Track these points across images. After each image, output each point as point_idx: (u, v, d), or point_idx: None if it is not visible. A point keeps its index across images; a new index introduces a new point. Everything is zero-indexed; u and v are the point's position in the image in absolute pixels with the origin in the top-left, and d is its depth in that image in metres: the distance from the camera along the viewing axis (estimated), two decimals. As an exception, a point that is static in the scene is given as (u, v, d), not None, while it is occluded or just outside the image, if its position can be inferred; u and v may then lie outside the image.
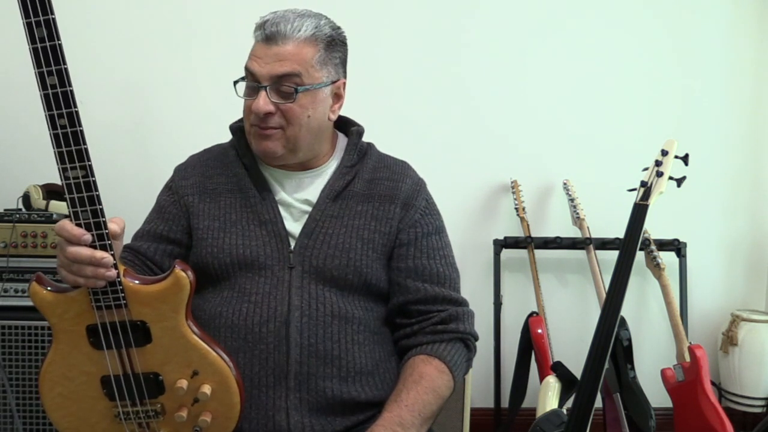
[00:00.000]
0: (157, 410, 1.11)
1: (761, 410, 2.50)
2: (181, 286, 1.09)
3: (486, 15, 2.58)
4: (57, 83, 0.98)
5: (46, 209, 2.10)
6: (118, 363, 1.09)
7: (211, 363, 1.10)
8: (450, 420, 2.16)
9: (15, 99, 2.48)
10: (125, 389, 1.10)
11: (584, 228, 2.46)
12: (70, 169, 1.02)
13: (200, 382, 1.10)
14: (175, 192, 1.34)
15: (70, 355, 1.10)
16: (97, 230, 1.03)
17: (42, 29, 0.97)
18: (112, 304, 1.06)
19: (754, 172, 2.71)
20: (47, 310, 1.09)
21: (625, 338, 2.23)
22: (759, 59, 2.67)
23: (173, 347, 1.09)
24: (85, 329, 1.08)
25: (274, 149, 1.24)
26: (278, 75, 1.20)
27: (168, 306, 1.09)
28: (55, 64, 0.98)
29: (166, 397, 1.11)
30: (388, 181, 1.32)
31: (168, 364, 1.10)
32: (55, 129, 1.00)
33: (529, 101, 2.61)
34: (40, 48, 0.98)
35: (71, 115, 1.00)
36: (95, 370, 1.10)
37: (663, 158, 1.83)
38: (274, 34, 1.21)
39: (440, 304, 1.29)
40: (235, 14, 2.41)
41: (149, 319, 1.08)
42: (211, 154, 1.38)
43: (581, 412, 1.71)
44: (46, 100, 0.99)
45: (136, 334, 1.08)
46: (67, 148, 1.01)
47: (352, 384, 1.22)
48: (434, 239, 1.33)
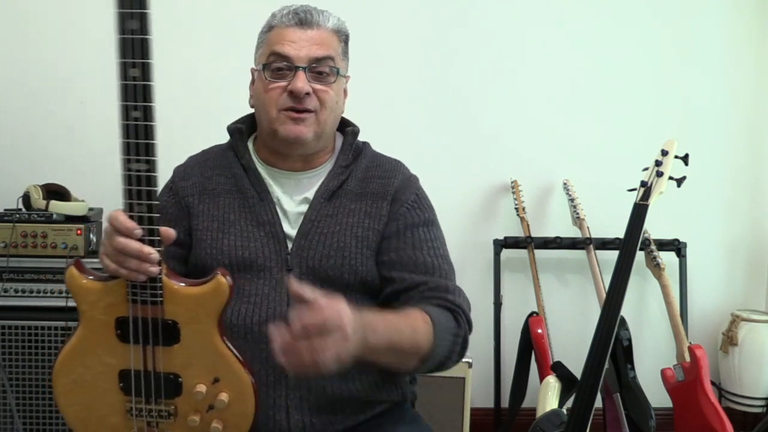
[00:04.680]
0: (170, 411, 1.10)
1: (761, 410, 2.50)
2: (220, 292, 1.07)
3: (486, 15, 2.58)
4: (139, 76, 1.00)
5: (46, 209, 2.10)
6: (140, 359, 1.08)
7: (235, 372, 1.09)
8: (450, 420, 2.17)
9: (15, 99, 2.48)
10: (143, 386, 1.09)
11: (584, 228, 2.46)
12: (134, 161, 1.02)
13: (219, 389, 1.09)
14: (176, 193, 1.33)
15: (94, 343, 1.09)
16: (149, 225, 1.03)
17: (135, 21, 0.98)
18: (149, 300, 1.05)
19: (754, 172, 2.71)
20: (80, 296, 1.08)
21: (625, 338, 2.23)
22: (759, 59, 2.67)
23: (199, 351, 1.08)
24: (114, 320, 1.07)
25: (306, 134, 1.24)
26: (317, 57, 1.23)
27: (203, 310, 1.08)
28: (142, 57, 0.99)
29: (181, 399, 1.09)
30: (380, 179, 1.32)
31: (191, 367, 1.09)
32: (127, 120, 1.01)
33: (530, 101, 2.61)
34: (128, 39, 0.99)
35: (146, 108, 1.02)
36: (116, 362, 1.09)
37: (663, 158, 1.83)
38: (309, 20, 1.24)
39: (428, 285, 1.24)
40: (235, 14, 2.42)
41: (182, 320, 1.07)
42: (210, 155, 1.38)
43: (581, 412, 1.71)
44: (123, 89, 1.01)
45: (165, 333, 1.07)
46: (134, 140, 1.02)
47: (352, 381, 1.22)
48: (421, 231, 1.29)
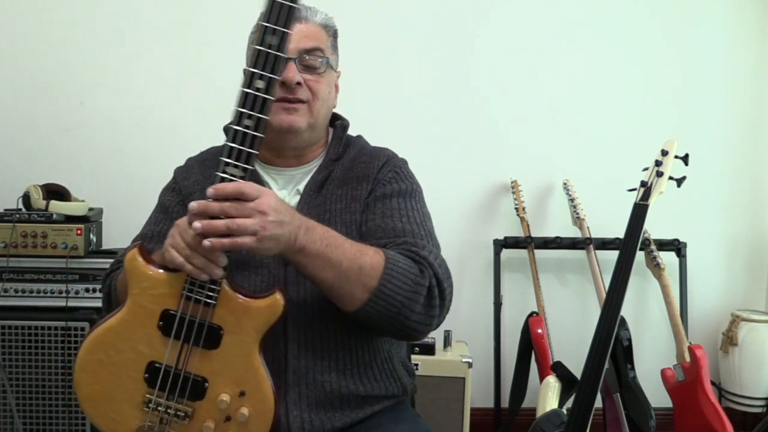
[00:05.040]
0: (187, 413, 1.09)
1: (761, 410, 2.50)
2: (274, 310, 1.08)
3: (487, 16, 2.58)
4: (263, 88, 1.04)
5: (46, 209, 2.10)
6: (175, 355, 1.08)
7: (262, 391, 1.09)
8: (450, 420, 2.17)
9: (15, 99, 2.49)
10: (169, 382, 1.09)
11: (584, 228, 2.46)
12: (233, 167, 1.04)
13: (242, 403, 1.09)
14: (179, 192, 1.34)
15: (132, 329, 1.09)
16: None
17: (275, 38, 1.04)
18: (203, 300, 1.06)
19: (754, 172, 2.71)
20: (135, 280, 1.09)
21: (625, 338, 2.23)
22: (759, 59, 2.67)
23: (234, 361, 1.08)
24: (161, 311, 1.08)
25: (300, 123, 1.26)
26: (306, 48, 1.26)
27: (251, 323, 1.08)
28: (271, 72, 1.05)
29: (202, 404, 1.09)
30: (364, 164, 1.32)
31: (221, 374, 1.08)
32: (238, 125, 1.05)
33: (530, 101, 2.61)
34: (265, 52, 1.04)
35: (259, 120, 1.05)
36: (148, 352, 1.09)
37: (663, 158, 1.83)
38: (297, 15, 1.26)
39: (396, 242, 1.20)
40: (235, 13, 2.42)
41: (227, 327, 1.07)
42: (208, 155, 1.40)
43: (581, 412, 1.71)
44: (243, 96, 1.05)
45: (207, 336, 1.07)
46: (239, 146, 1.04)
47: (350, 377, 1.22)
48: (395, 201, 1.26)
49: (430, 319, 1.16)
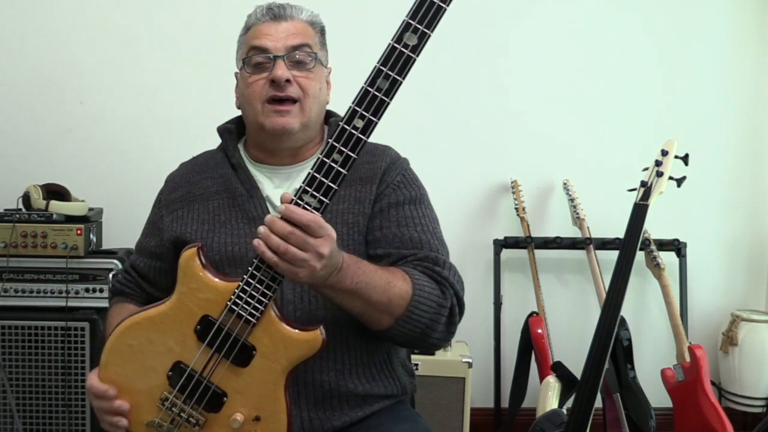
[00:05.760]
0: (198, 421, 1.09)
1: (761, 410, 2.50)
2: (311, 345, 1.07)
3: (487, 16, 2.58)
4: (385, 88, 1.01)
5: (46, 209, 2.10)
6: (203, 362, 1.08)
7: (278, 421, 1.08)
8: (450, 420, 2.17)
9: (15, 99, 2.49)
10: (190, 386, 1.09)
11: (584, 228, 2.46)
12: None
13: (254, 428, 1.08)
14: (165, 206, 1.36)
15: (169, 325, 1.09)
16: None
17: (414, 38, 1.00)
18: (245, 315, 1.05)
19: (754, 172, 2.71)
20: (185, 279, 1.09)
21: (625, 338, 2.23)
22: (759, 59, 2.67)
23: (258, 385, 1.08)
24: (202, 316, 1.08)
25: (293, 125, 1.26)
26: (293, 45, 1.26)
27: (286, 352, 1.07)
28: (398, 73, 1.00)
29: (215, 416, 1.09)
30: (368, 164, 1.32)
31: (242, 394, 1.08)
32: (348, 124, 1.01)
33: (529, 102, 2.61)
34: (400, 50, 1.00)
35: (370, 122, 1.02)
36: (179, 351, 1.09)
37: (663, 158, 1.83)
38: (282, 14, 1.28)
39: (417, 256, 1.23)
40: (235, 13, 2.41)
41: (261, 350, 1.07)
42: (198, 160, 1.41)
43: (581, 412, 1.71)
44: (362, 94, 1.01)
45: (240, 352, 1.07)
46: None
47: (348, 376, 1.22)
48: (407, 208, 1.28)
49: (450, 335, 1.22)
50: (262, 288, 1.05)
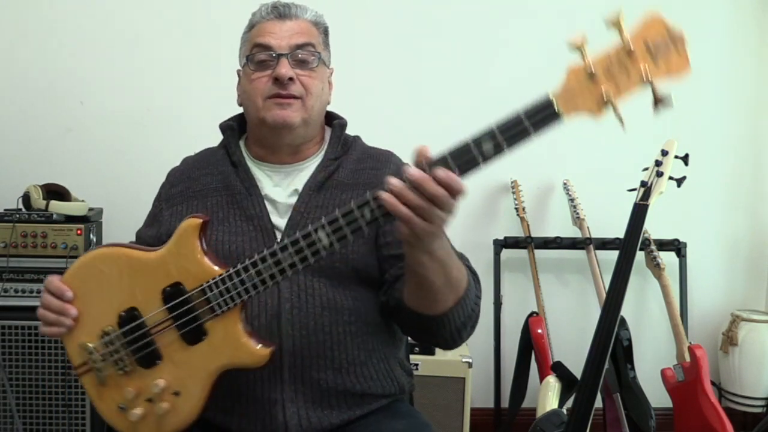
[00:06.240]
0: (125, 368, 1.13)
1: (761, 410, 2.50)
2: (256, 359, 1.09)
3: (487, 11, 2.58)
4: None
5: (46, 209, 2.10)
6: (158, 321, 1.10)
7: (191, 407, 1.11)
8: (450, 420, 2.16)
9: (15, 99, 2.49)
10: (134, 335, 1.11)
11: (584, 228, 2.46)
12: None
13: (169, 399, 1.11)
14: (165, 201, 1.36)
15: (145, 274, 1.11)
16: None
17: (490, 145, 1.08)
18: (213, 303, 1.07)
19: (754, 172, 2.71)
20: (179, 241, 1.11)
21: (625, 338, 2.23)
22: (759, 59, 2.67)
23: (193, 367, 1.10)
24: (176, 281, 1.10)
25: (294, 118, 1.26)
26: (297, 44, 1.27)
27: (230, 353, 1.09)
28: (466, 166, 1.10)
29: (141, 372, 1.12)
30: (372, 170, 1.32)
31: (175, 365, 1.10)
32: None
33: (529, 101, 2.61)
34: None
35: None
36: (140, 299, 1.11)
37: (663, 158, 1.84)
38: (287, 12, 1.29)
39: None
40: (235, 13, 2.41)
41: (211, 339, 1.09)
42: (200, 156, 1.41)
43: (581, 412, 1.71)
44: None
45: (194, 331, 1.09)
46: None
47: (347, 375, 1.22)
48: None
49: (473, 329, 1.24)
50: (241, 288, 1.06)
